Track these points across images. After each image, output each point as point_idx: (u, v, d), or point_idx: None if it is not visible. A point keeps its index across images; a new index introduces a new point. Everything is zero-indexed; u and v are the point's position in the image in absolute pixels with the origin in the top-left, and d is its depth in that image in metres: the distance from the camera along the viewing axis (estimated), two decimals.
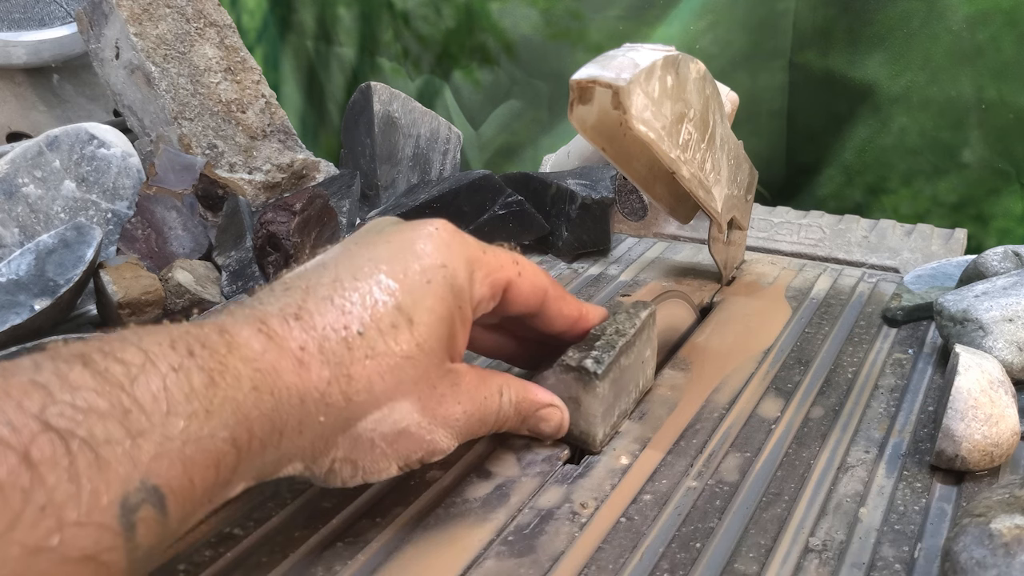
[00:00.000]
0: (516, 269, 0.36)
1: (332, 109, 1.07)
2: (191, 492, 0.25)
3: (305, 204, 0.59)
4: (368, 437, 0.31)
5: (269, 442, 0.28)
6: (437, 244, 0.33)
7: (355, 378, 0.30)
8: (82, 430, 0.22)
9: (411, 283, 0.32)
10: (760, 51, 0.76)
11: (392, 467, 0.32)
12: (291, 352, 0.29)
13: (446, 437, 0.33)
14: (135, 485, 0.23)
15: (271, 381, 0.28)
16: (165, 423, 0.24)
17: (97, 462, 0.22)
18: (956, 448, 0.37)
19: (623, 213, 0.68)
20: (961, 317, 0.44)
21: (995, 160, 0.69)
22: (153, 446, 0.24)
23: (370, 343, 0.30)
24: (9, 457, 0.21)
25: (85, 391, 0.23)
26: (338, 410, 0.30)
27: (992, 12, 0.65)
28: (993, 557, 0.28)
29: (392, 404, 0.31)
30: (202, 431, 0.25)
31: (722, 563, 0.33)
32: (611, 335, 0.40)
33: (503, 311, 0.37)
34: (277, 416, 0.28)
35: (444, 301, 0.33)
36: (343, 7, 1.01)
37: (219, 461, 0.26)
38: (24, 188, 0.63)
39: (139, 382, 0.24)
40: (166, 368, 0.25)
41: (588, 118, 0.42)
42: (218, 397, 0.26)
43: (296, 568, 0.32)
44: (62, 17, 1.00)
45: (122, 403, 0.24)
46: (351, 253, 0.33)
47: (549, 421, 0.39)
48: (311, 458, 0.31)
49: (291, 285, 0.31)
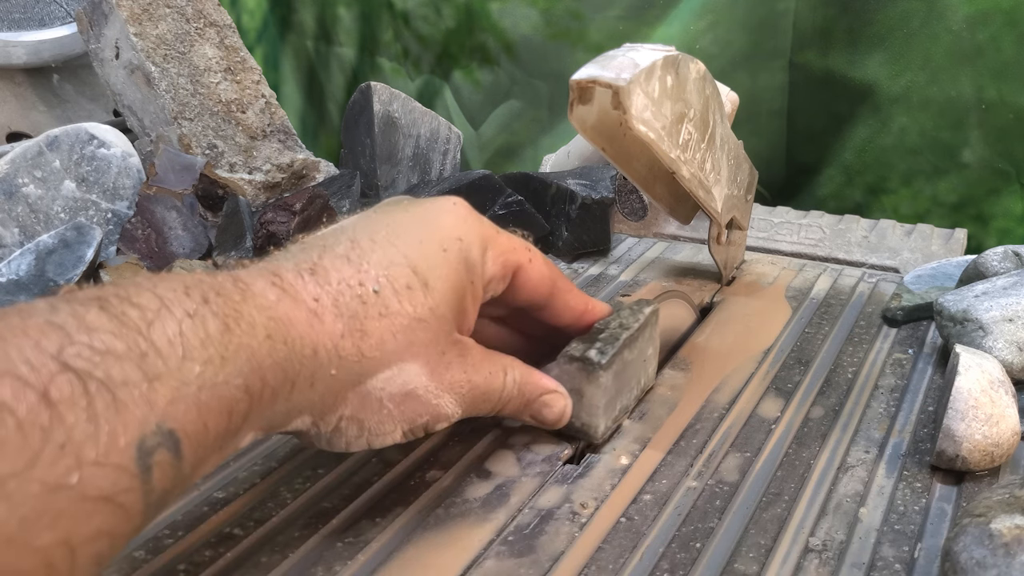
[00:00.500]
0: (528, 255, 0.37)
1: (332, 109, 1.07)
2: (204, 438, 0.25)
3: (305, 204, 0.59)
4: (376, 396, 0.31)
5: (281, 392, 0.28)
6: (455, 217, 0.34)
7: (368, 334, 0.30)
8: (100, 371, 0.22)
9: (428, 250, 0.33)
10: (760, 51, 0.76)
11: (397, 431, 0.33)
12: (305, 303, 0.29)
13: (452, 403, 0.34)
14: (152, 428, 0.23)
15: (284, 330, 0.28)
16: (181, 368, 0.24)
17: (115, 403, 0.22)
18: (957, 448, 0.37)
19: (623, 213, 0.68)
20: (961, 317, 0.44)
21: (995, 160, 0.69)
22: (169, 390, 0.24)
23: (384, 301, 0.31)
24: (29, 395, 0.21)
25: (102, 333, 0.23)
26: (350, 364, 0.30)
27: (992, 12, 0.65)
28: (993, 557, 0.28)
29: (402, 364, 0.32)
30: (217, 377, 0.25)
31: (722, 563, 0.33)
32: (615, 329, 0.40)
33: (511, 298, 0.37)
34: (290, 366, 0.28)
35: (458, 272, 0.33)
36: (343, 7, 1.01)
37: (232, 408, 0.26)
38: (24, 188, 0.63)
39: (155, 326, 0.24)
40: (181, 314, 0.25)
41: (588, 118, 0.42)
42: (233, 344, 0.26)
43: (296, 568, 0.32)
44: (62, 17, 1.00)
45: (139, 346, 0.24)
46: (370, 219, 0.34)
47: (552, 407, 0.39)
48: (319, 412, 0.31)
49: (308, 244, 0.32)
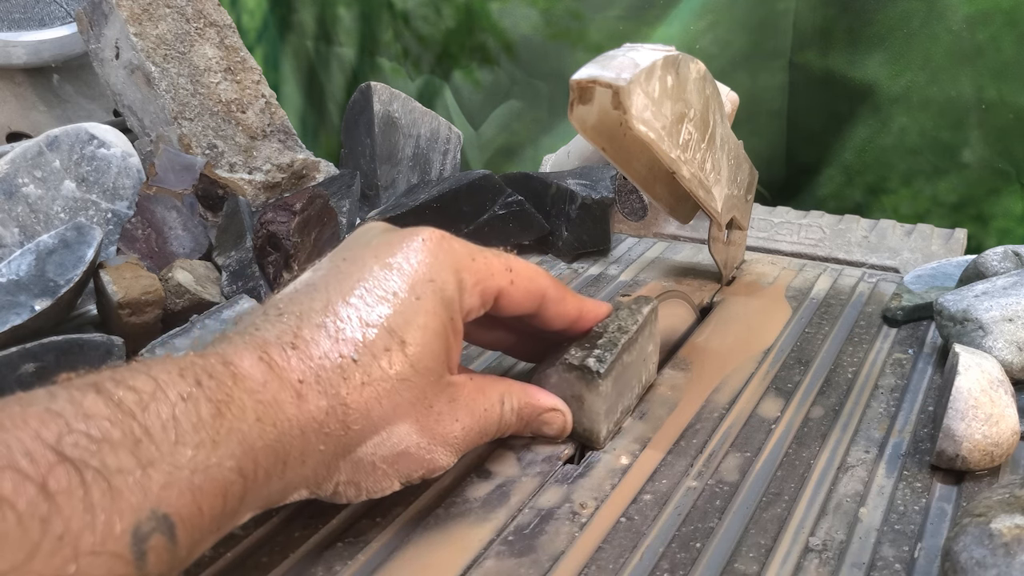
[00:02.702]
0: (508, 277, 0.36)
1: (332, 109, 1.07)
2: (200, 520, 0.26)
3: (305, 204, 0.59)
4: (369, 460, 0.32)
5: (274, 472, 0.28)
6: (424, 257, 0.33)
7: (352, 407, 0.30)
8: (96, 460, 0.23)
9: (400, 302, 0.32)
10: (760, 51, 0.76)
11: (394, 484, 0.33)
12: (291, 384, 0.29)
13: (445, 455, 0.34)
14: (146, 514, 0.24)
15: (273, 413, 0.28)
16: (174, 452, 0.25)
17: (110, 492, 0.23)
18: (957, 448, 0.37)
19: (623, 213, 0.68)
20: (961, 317, 0.44)
21: (995, 160, 0.69)
22: (163, 475, 0.24)
23: (365, 369, 0.31)
24: (28, 488, 0.21)
25: (99, 419, 0.24)
26: (336, 439, 0.30)
27: (992, 12, 0.65)
28: (993, 557, 0.28)
29: (390, 428, 0.32)
30: (209, 460, 0.26)
31: (722, 563, 0.33)
32: (613, 332, 0.40)
33: (495, 315, 0.37)
34: (280, 447, 0.28)
35: (436, 316, 0.33)
36: (343, 7, 1.01)
37: (227, 490, 0.26)
38: (24, 188, 0.63)
39: (150, 410, 0.25)
40: (175, 397, 0.26)
41: (588, 118, 0.42)
42: (224, 428, 0.26)
43: (296, 568, 0.32)
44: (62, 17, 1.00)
45: (134, 432, 0.24)
46: (340, 272, 0.33)
47: (552, 424, 0.39)
48: (315, 484, 0.31)
49: (284, 310, 0.32)
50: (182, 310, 0.56)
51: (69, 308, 0.54)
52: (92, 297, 0.57)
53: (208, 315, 0.50)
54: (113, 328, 0.54)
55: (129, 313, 0.54)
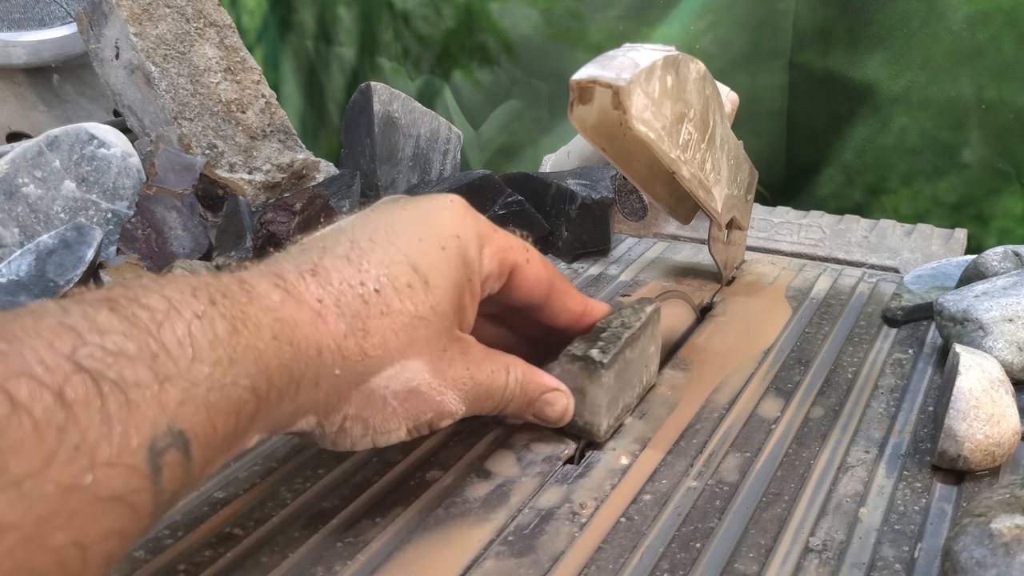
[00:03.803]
0: (525, 255, 0.37)
1: (332, 109, 1.07)
2: (213, 438, 0.25)
3: (305, 204, 0.59)
4: (380, 394, 0.32)
5: (287, 392, 0.28)
6: (452, 215, 0.34)
7: (371, 332, 0.30)
8: (112, 372, 0.23)
9: (426, 248, 0.33)
10: (760, 51, 0.76)
11: (402, 428, 0.33)
12: (308, 304, 0.29)
13: (455, 400, 0.34)
14: (163, 429, 0.23)
15: (290, 332, 0.28)
16: (191, 369, 0.25)
17: (127, 404, 0.23)
18: (958, 448, 0.37)
19: (623, 213, 0.68)
20: (961, 317, 0.44)
21: (995, 160, 0.69)
22: (179, 391, 0.24)
23: (386, 300, 0.31)
24: (44, 395, 0.21)
25: (114, 334, 0.23)
26: (353, 363, 0.30)
27: (992, 12, 0.65)
28: (993, 557, 0.28)
29: (404, 362, 0.32)
30: (225, 378, 0.25)
31: (722, 563, 0.33)
32: (617, 328, 0.40)
33: (508, 297, 0.37)
34: (295, 366, 0.28)
35: (457, 269, 0.33)
36: (343, 7, 1.01)
37: (240, 409, 0.26)
38: (24, 188, 0.63)
39: (164, 328, 0.25)
40: (190, 315, 0.25)
41: (588, 118, 0.42)
42: (240, 345, 0.26)
43: (296, 568, 0.32)
44: (62, 17, 1.00)
45: (150, 347, 0.24)
46: (368, 218, 0.34)
47: (554, 405, 0.39)
48: (324, 412, 0.31)
49: (308, 246, 0.32)
50: None
51: None
52: None
53: None
54: None
55: None
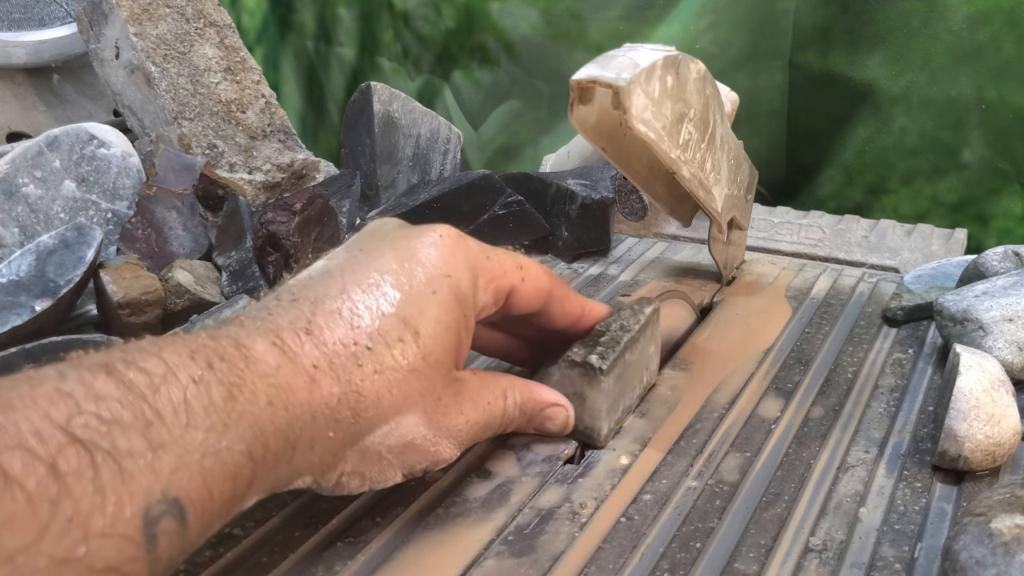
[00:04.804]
0: (520, 275, 0.36)
1: (332, 109, 1.07)
2: (209, 504, 0.25)
3: (305, 204, 0.59)
4: (375, 450, 0.32)
5: (282, 456, 0.28)
6: (441, 252, 0.33)
7: (364, 394, 0.30)
8: (106, 442, 0.23)
9: (416, 294, 0.32)
10: (760, 51, 0.76)
11: (397, 475, 0.33)
12: (304, 369, 0.29)
13: (450, 447, 0.34)
14: (157, 497, 0.23)
15: (285, 397, 0.28)
16: (185, 435, 0.25)
17: (121, 474, 0.23)
18: (959, 448, 0.37)
19: (623, 213, 0.68)
20: (961, 317, 0.44)
21: (995, 160, 0.69)
22: (174, 458, 0.24)
23: (378, 358, 0.31)
24: (37, 468, 0.21)
25: (109, 401, 0.23)
26: (347, 426, 0.30)
27: (992, 12, 0.65)
28: (993, 556, 0.28)
29: (399, 418, 0.32)
30: (220, 444, 0.26)
31: (722, 563, 0.33)
32: (616, 331, 0.40)
33: (506, 313, 0.37)
34: (290, 431, 0.28)
35: (450, 311, 0.33)
36: (343, 7, 1.01)
37: (236, 474, 0.26)
38: (24, 188, 0.63)
39: (161, 393, 0.25)
40: (186, 380, 0.25)
41: (588, 118, 0.42)
42: (236, 411, 0.26)
43: (296, 568, 0.32)
44: (62, 17, 1.00)
45: (144, 414, 0.24)
46: (357, 262, 0.33)
47: (555, 420, 0.39)
48: (320, 472, 0.31)
49: (298, 296, 0.32)
50: (182, 310, 0.56)
51: (69, 309, 0.54)
52: (92, 297, 0.57)
53: (208, 315, 0.50)
54: (113, 328, 0.54)
55: (129, 313, 0.54)
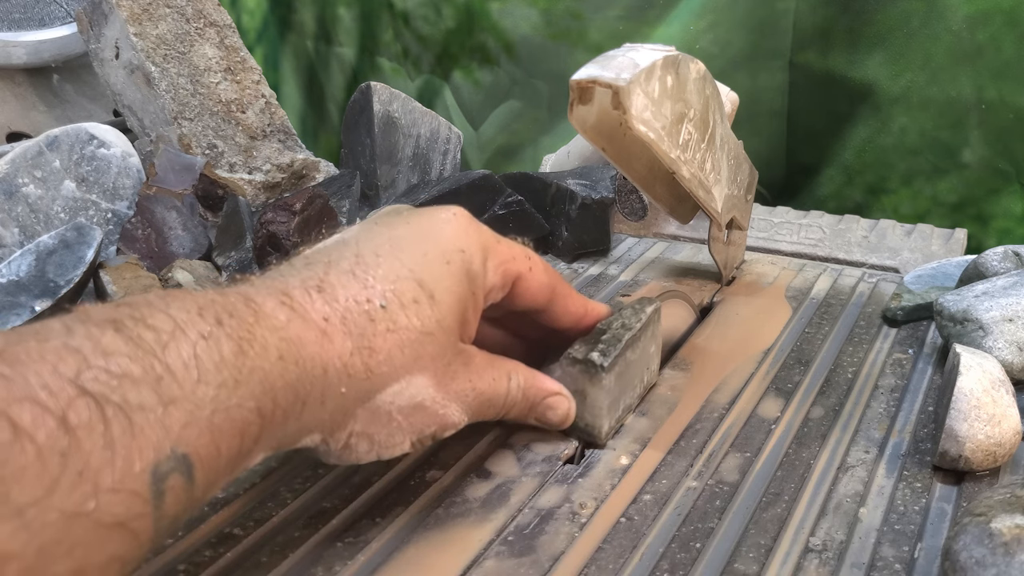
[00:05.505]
0: (528, 264, 0.37)
1: (332, 109, 1.07)
2: (217, 461, 0.25)
3: (305, 204, 0.59)
4: (386, 410, 0.32)
5: (292, 412, 0.28)
6: (456, 228, 0.34)
7: (376, 350, 0.30)
8: (116, 396, 0.22)
9: (431, 263, 0.33)
10: (760, 51, 0.76)
11: (406, 441, 0.33)
12: (315, 323, 0.29)
13: (458, 411, 0.34)
14: (166, 453, 0.23)
15: (296, 351, 0.28)
16: (195, 391, 0.24)
17: (131, 428, 0.22)
18: (960, 448, 0.37)
19: (623, 213, 0.68)
20: (961, 317, 0.44)
21: (995, 160, 0.69)
22: (184, 414, 0.24)
23: (392, 316, 0.31)
24: (47, 421, 0.21)
25: (119, 356, 0.23)
26: (359, 381, 0.30)
27: (992, 12, 0.65)
28: (993, 556, 0.28)
29: (410, 378, 0.32)
30: (230, 400, 0.25)
31: (722, 563, 0.33)
32: (617, 329, 0.40)
33: (511, 304, 0.37)
34: (301, 386, 0.28)
35: (461, 283, 0.33)
36: (343, 7, 1.01)
37: (244, 430, 0.26)
38: (24, 188, 0.63)
39: (170, 349, 0.24)
40: (196, 336, 0.25)
41: (588, 118, 0.42)
42: (246, 366, 0.26)
43: (296, 568, 0.32)
44: (62, 17, 1.00)
45: (155, 369, 0.24)
46: (372, 231, 0.33)
47: (556, 409, 0.39)
48: (329, 430, 0.31)
49: (312, 260, 0.32)
50: None
51: None
52: (92, 297, 0.57)
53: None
54: None
55: None
